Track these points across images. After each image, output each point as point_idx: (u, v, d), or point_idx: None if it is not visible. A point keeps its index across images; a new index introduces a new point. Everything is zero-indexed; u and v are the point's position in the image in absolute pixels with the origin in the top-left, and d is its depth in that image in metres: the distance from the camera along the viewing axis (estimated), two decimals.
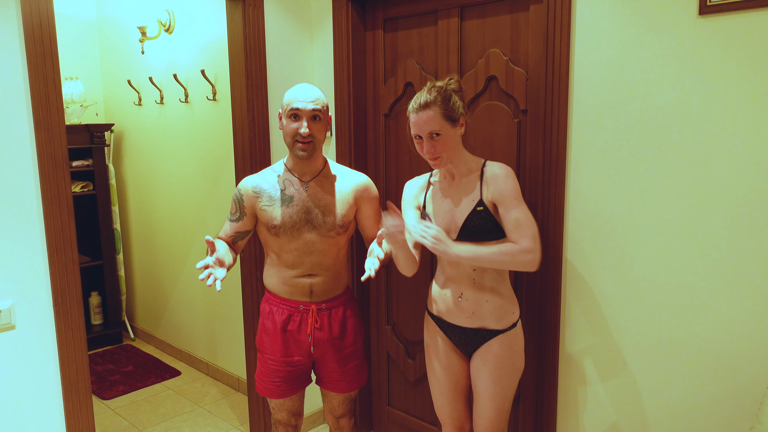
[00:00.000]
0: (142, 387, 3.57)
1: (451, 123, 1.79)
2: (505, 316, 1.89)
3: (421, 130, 1.79)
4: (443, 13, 2.38)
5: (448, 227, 1.88)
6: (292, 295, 2.05)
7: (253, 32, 2.57)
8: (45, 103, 1.93)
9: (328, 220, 1.99)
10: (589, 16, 1.91)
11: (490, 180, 1.82)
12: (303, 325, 2.05)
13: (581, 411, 2.12)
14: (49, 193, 1.97)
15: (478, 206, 1.82)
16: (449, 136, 1.79)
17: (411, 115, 1.82)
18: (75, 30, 4.14)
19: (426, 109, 1.77)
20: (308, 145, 1.91)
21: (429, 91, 1.79)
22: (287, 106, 1.91)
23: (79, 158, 4.00)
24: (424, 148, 1.80)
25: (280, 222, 1.97)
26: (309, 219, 1.98)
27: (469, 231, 1.83)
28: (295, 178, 2.01)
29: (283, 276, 2.05)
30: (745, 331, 1.73)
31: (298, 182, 2.00)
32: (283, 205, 1.98)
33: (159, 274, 4.13)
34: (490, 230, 1.82)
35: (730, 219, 1.72)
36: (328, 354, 2.10)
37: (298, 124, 1.90)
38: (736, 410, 1.77)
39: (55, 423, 2.08)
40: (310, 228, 1.99)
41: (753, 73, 1.63)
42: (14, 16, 1.87)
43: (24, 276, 1.96)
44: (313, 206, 1.99)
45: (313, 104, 1.90)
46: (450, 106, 1.78)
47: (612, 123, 1.90)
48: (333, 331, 2.08)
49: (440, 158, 1.81)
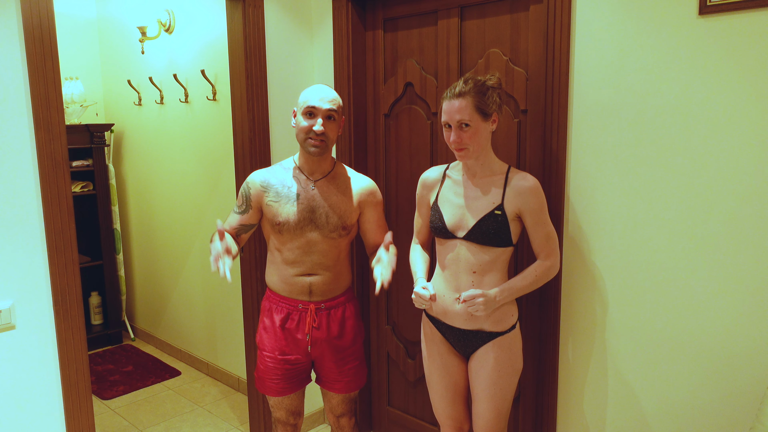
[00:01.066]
0: (142, 387, 3.57)
1: (482, 116, 1.77)
2: (504, 318, 1.88)
3: (451, 118, 1.78)
4: (443, 13, 2.38)
5: (457, 225, 1.87)
6: (291, 293, 2.05)
7: (253, 32, 2.57)
8: (45, 103, 1.93)
9: (332, 221, 2.00)
10: (589, 16, 1.91)
11: (518, 191, 1.81)
12: (301, 324, 2.05)
13: (581, 411, 2.11)
14: (49, 193, 1.97)
15: (496, 210, 1.81)
16: (479, 130, 1.77)
17: (444, 102, 1.80)
18: (75, 30, 4.14)
19: (459, 98, 1.76)
20: (321, 143, 1.94)
21: (466, 81, 1.78)
22: (304, 104, 1.94)
23: (79, 158, 4.00)
24: (452, 137, 1.79)
25: (284, 219, 1.98)
26: (313, 218, 1.99)
27: (480, 232, 1.82)
28: (303, 177, 2.03)
29: (283, 274, 2.06)
30: (745, 331, 1.73)
31: (306, 181, 2.02)
32: (288, 202, 1.99)
33: (159, 274, 4.13)
34: (500, 236, 1.81)
35: (730, 219, 1.72)
36: (327, 354, 2.10)
37: (313, 121, 1.92)
38: (736, 410, 1.77)
39: (55, 423, 2.08)
40: (313, 227, 2.00)
41: (753, 73, 1.63)
42: (14, 16, 1.87)
43: (24, 276, 1.96)
44: (318, 206, 2.00)
45: (330, 104, 1.93)
46: (484, 99, 1.76)
47: (612, 123, 1.90)
48: (331, 332, 2.08)
49: (466, 150, 1.79)
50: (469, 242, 1.85)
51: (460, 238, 1.86)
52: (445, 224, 1.88)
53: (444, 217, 1.89)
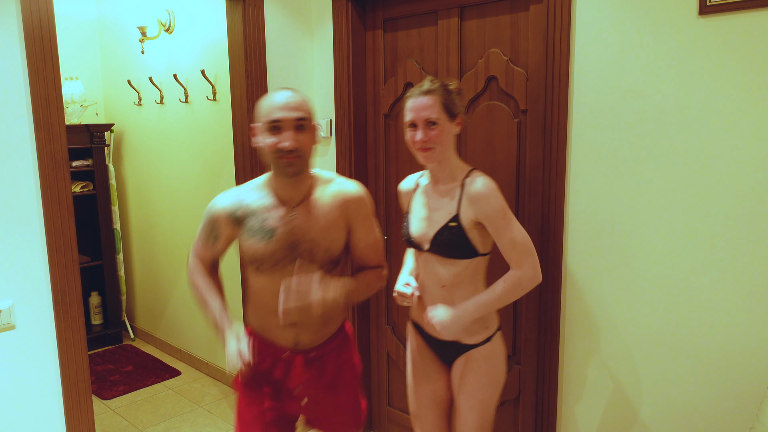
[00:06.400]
0: (142, 387, 3.57)
1: (449, 116, 1.72)
2: (478, 331, 1.81)
3: (418, 116, 1.71)
4: (443, 13, 2.38)
5: (422, 237, 1.80)
6: (275, 339, 1.75)
7: (253, 32, 2.57)
8: (45, 103, 1.93)
9: (318, 256, 1.66)
10: (589, 16, 1.91)
11: (473, 199, 1.71)
12: (289, 373, 1.75)
13: (581, 411, 2.11)
14: (49, 193, 1.97)
15: (451, 222, 1.73)
16: (445, 130, 1.72)
17: (409, 101, 1.74)
18: (75, 30, 4.14)
19: (428, 95, 1.71)
20: (296, 160, 1.58)
21: (432, 81, 1.74)
22: (266, 117, 1.57)
23: (79, 158, 4.00)
24: (417, 135, 1.71)
25: (259, 257, 1.65)
26: (295, 255, 1.65)
27: (439, 245, 1.75)
28: (279, 204, 1.66)
29: (262, 321, 1.75)
30: (745, 331, 1.73)
31: (283, 209, 1.66)
32: (263, 238, 1.64)
33: (159, 274, 4.13)
34: (459, 247, 1.73)
35: (730, 219, 1.72)
36: (320, 402, 1.81)
37: (280, 136, 1.56)
38: (736, 410, 1.77)
39: (55, 423, 2.08)
40: (301, 267, 1.65)
41: (753, 73, 1.63)
42: (14, 16, 1.87)
43: (24, 276, 1.96)
44: (300, 240, 1.65)
45: (297, 112, 1.57)
46: (450, 99, 1.73)
47: (612, 123, 1.90)
48: (324, 380, 1.78)
49: (432, 150, 1.72)
50: (435, 255, 1.78)
51: (427, 251, 1.80)
52: (412, 236, 1.83)
53: (411, 229, 1.84)
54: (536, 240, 2.10)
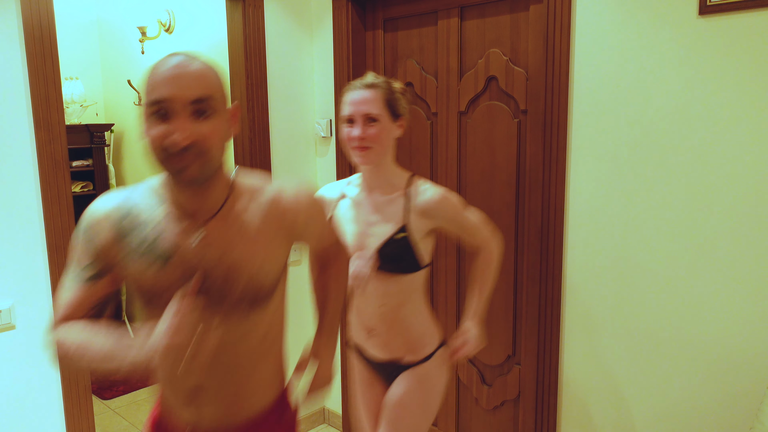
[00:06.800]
0: (142, 387, 3.57)
1: (391, 114, 1.59)
2: (418, 348, 1.70)
3: (357, 110, 1.57)
4: (443, 13, 2.38)
5: (360, 254, 1.65)
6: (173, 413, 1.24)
7: (253, 32, 2.57)
8: (45, 103, 1.93)
9: (236, 290, 1.13)
10: (589, 16, 1.91)
11: (424, 209, 1.60)
12: None
13: (581, 411, 2.11)
14: (49, 193, 1.97)
15: (397, 234, 1.60)
16: (386, 129, 1.58)
17: (348, 94, 1.60)
18: (75, 30, 4.14)
19: (370, 89, 1.57)
20: (191, 160, 1.04)
21: (375, 76, 1.62)
22: (147, 97, 1.06)
23: (79, 158, 3.99)
24: (354, 131, 1.57)
25: (147, 291, 1.13)
26: (203, 290, 1.10)
27: (386, 259, 1.61)
28: (178, 219, 1.13)
29: (162, 384, 1.25)
30: (745, 331, 1.73)
31: (183, 225, 1.12)
32: (154, 263, 1.11)
33: None
34: (406, 260, 1.61)
35: (730, 219, 1.72)
36: None
37: (168, 127, 1.03)
38: (736, 410, 1.77)
39: (55, 423, 2.08)
40: (206, 307, 1.09)
41: (753, 73, 1.63)
42: (14, 16, 1.87)
43: (24, 276, 1.96)
44: (211, 267, 1.12)
45: (194, 90, 1.05)
46: (394, 97, 1.60)
47: (612, 123, 1.90)
48: None
49: (370, 150, 1.57)
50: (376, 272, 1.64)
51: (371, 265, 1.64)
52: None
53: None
54: (536, 240, 2.10)
